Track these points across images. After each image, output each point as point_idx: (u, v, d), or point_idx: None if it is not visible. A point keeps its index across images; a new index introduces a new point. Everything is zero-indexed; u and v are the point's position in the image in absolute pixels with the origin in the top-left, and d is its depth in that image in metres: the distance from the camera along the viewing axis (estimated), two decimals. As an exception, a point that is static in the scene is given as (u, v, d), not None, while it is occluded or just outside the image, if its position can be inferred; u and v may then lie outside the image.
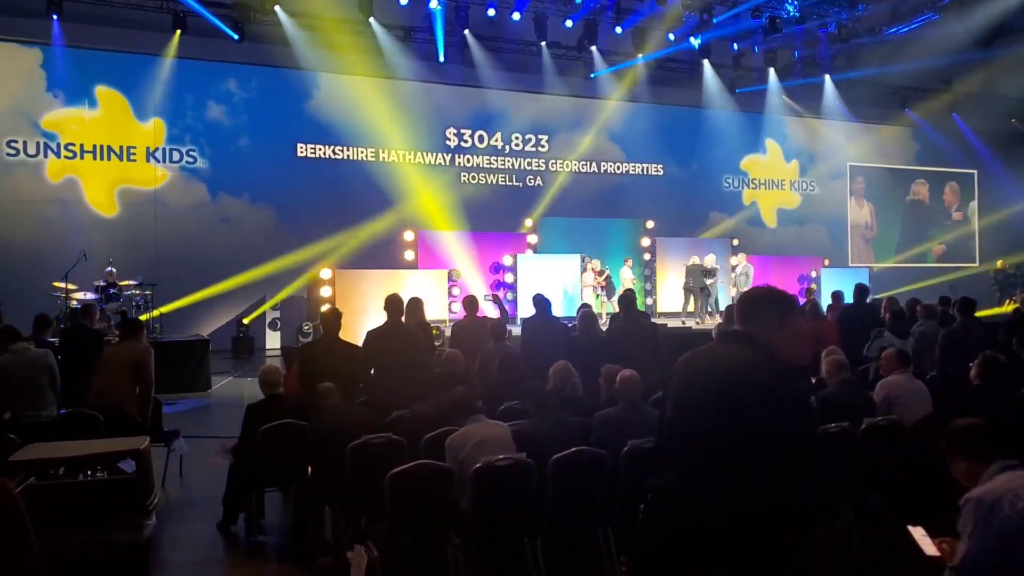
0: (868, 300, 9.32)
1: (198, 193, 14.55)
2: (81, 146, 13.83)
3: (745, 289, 14.47)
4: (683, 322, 13.87)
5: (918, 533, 2.82)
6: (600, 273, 14.15)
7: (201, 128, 14.62)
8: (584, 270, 14.05)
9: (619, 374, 4.69)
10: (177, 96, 14.51)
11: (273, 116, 15.00)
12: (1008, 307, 16.87)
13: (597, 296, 13.98)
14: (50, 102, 13.63)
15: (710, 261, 14.46)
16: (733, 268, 15.92)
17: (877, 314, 8.91)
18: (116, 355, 6.11)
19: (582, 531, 4.29)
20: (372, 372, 5.76)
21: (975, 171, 22.27)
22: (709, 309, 14.10)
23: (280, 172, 14.91)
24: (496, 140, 16.98)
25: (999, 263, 19.91)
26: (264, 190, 14.80)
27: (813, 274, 16.98)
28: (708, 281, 13.99)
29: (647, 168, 18.27)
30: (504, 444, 4.20)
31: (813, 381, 6.47)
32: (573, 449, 4.16)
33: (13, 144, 13.42)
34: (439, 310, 13.21)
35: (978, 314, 8.14)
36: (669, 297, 15.61)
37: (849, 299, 9.57)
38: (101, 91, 13.94)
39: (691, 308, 14.29)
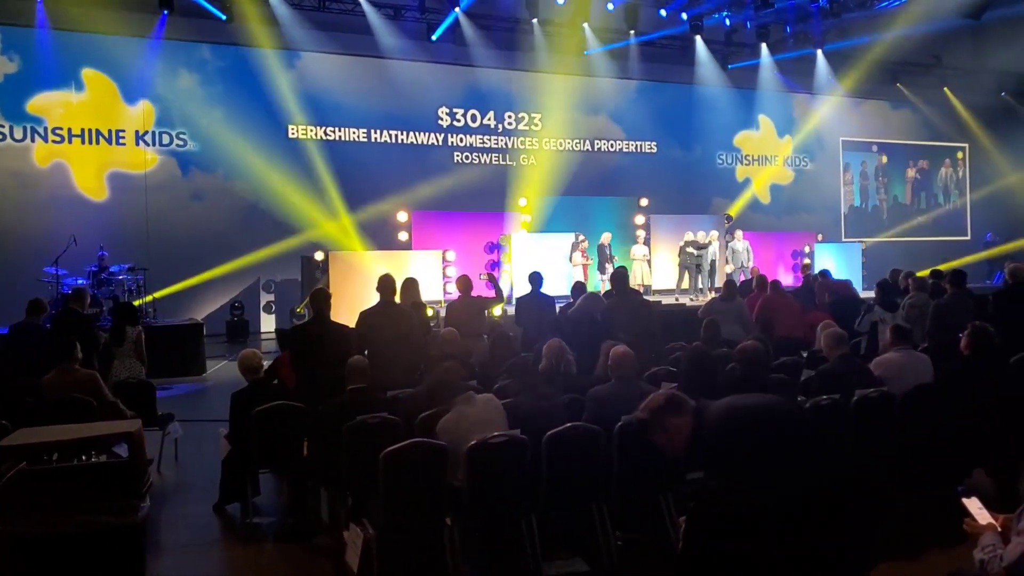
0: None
1: (189, 176, 14.41)
2: (69, 130, 13.63)
3: (749, 265, 14.64)
4: (676, 299, 13.87)
5: (974, 505, 2.85)
6: (605, 252, 14.00)
7: (190, 110, 14.41)
8: (574, 250, 13.96)
9: (612, 350, 4.67)
10: (165, 78, 14.31)
11: (263, 97, 14.80)
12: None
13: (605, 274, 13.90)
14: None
15: (701, 237, 14.43)
16: (727, 244, 15.91)
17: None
18: (58, 394, 5.35)
19: (577, 507, 4.29)
20: (366, 353, 5.73)
21: (966, 145, 22.21)
22: (701, 286, 14.10)
23: (272, 154, 14.75)
24: (489, 119, 16.84)
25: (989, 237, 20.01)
26: (256, 172, 14.65)
27: (807, 249, 16.98)
28: (698, 253, 13.97)
29: (641, 146, 18.18)
30: (498, 423, 4.18)
31: (805, 355, 6.50)
32: (567, 425, 4.16)
33: None
34: (434, 291, 13.18)
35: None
36: (664, 275, 15.58)
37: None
38: (87, 74, 13.74)
39: (685, 285, 14.29)
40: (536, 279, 7.83)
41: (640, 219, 15.99)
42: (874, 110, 21.10)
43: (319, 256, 13.12)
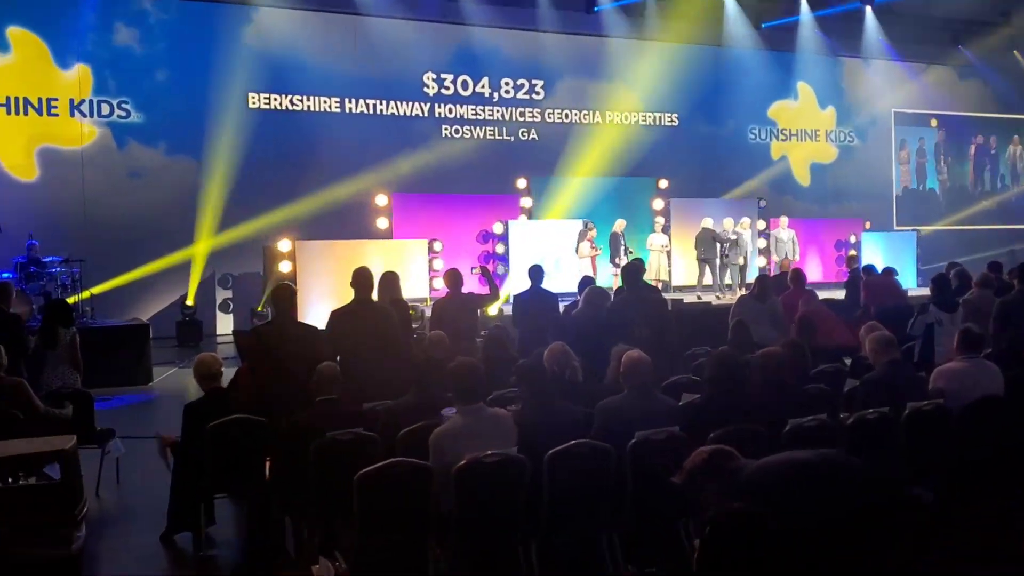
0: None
1: (132, 153, 14.41)
2: (-9, 98, 13.67)
3: (794, 258, 14.57)
4: (699, 296, 13.89)
5: None
6: (618, 241, 14.03)
7: (135, 77, 14.42)
8: (581, 239, 13.98)
9: (624, 355, 4.69)
10: (105, 40, 14.30)
11: (219, 61, 14.78)
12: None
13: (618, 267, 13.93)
14: None
15: (728, 225, 14.39)
16: (762, 233, 15.93)
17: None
18: None
19: (583, 535, 4.31)
20: (337, 359, 5.74)
21: (1038, 116, 22.28)
22: (729, 282, 14.09)
23: (229, 127, 14.73)
24: (483, 87, 16.85)
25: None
26: (211, 148, 14.64)
27: (852, 239, 17.02)
28: (728, 248, 13.93)
29: (660, 118, 18.19)
30: (503, 440, 4.18)
31: (849, 362, 6.53)
32: (572, 442, 4.17)
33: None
34: (419, 286, 13.20)
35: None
36: (686, 268, 15.61)
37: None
38: (14, 33, 13.73)
39: (707, 281, 14.26)
40: (536, 273, 7.84)
41: (659, 203, 16.02)
42: (932, 77, 21.11)
43: (284, 246, 13.12)
